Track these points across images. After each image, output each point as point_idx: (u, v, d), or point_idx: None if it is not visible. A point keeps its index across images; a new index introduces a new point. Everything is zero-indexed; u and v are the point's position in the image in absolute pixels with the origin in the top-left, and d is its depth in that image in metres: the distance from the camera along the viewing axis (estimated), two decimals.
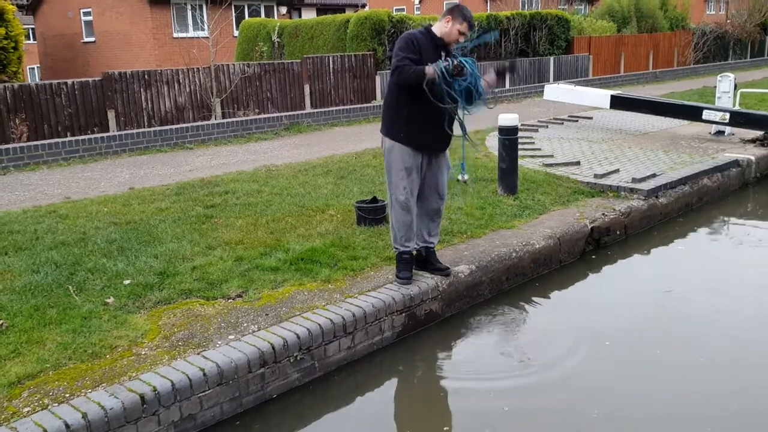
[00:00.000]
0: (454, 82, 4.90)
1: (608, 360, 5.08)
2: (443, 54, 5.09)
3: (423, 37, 5.10)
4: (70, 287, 5.18)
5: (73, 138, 11.21)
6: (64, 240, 6.32)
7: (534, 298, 6.17)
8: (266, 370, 4.38)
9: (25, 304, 4.90)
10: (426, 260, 5.67)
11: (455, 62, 4.82)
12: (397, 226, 5.40)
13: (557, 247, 6.80)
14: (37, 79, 33.94)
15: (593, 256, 7.22)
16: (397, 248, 5.49)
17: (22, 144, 10.67)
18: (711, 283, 6.50)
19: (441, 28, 5.13)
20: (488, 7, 35.75)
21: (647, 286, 6.46)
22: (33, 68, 36.77)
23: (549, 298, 6.23)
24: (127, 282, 5.30)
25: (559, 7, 31.93)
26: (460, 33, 5.09)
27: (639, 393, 4.59)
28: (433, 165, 5.36)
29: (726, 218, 8.99)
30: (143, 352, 4.29)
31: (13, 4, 16.03)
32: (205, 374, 4.07)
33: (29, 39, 32.59)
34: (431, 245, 5.65)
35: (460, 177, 5.41)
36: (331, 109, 14.89)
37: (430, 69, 4.87)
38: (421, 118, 5.12)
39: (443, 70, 4.83)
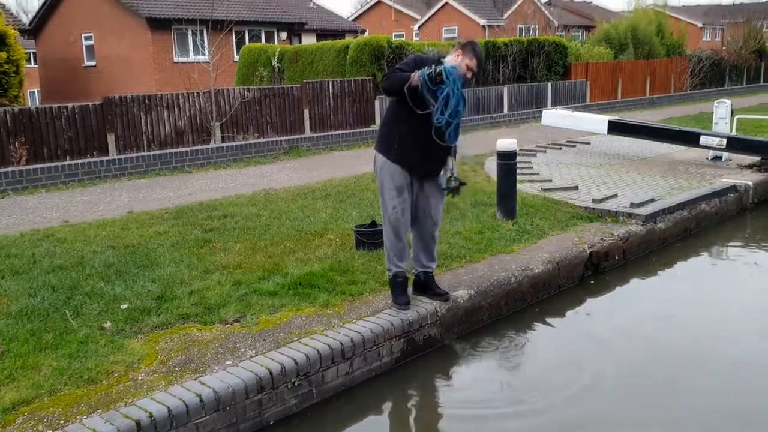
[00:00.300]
0: (438, 90, 4.91)
1: (610, 386, 5.05)
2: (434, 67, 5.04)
3: (431, 62, 5.13)
4: (67, 311, 5.16)
5: (73, 161, 11.24)
6: (61, 264, 6.30)
7: (533, 324, 6.14)
8: (264, 396, 4.35)
9: (21, 328, 4.88)
10: (425, 285, 5.66)
11: (438, 69, 4.86)
12: (389, 245, 5.45)
13: (556, 272, 6.79)
14: (38, 103, 34.07)
15: (592, 281, 7.20)
16: (390, 269, 5.51)
17: (21, 167, 10.68)
18: (711, 309, 6.49)
19: (452, 60, 5.18)
20: (486, 35, 36.05)
21: (646, 311, 6.44)
22: (33, 92, 36.89)
23: (548, 323, 6.20)
24: (124, 306, 5.28)
25: (557, 33, 32.19)
26: (468, 68, 5.13)
27: (640, 419, 4.56)
28: (426, 189, 5.38)
29: (724, 244, 8.99)
30: (140, 378, 4.26)
31: (15, 29, 16.12)
32: (201, 400, 4.04)
33: (30, 63, 32.75)
34: (429, 270, 5.65)
35: (445, 182, 5.36)
36: (330, 133, 14.95)
37: (415, 75, 4.90)
38: (416, 139, 5.14)
39: (426, 77, 4.86)
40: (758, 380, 5.12)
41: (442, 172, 5.36)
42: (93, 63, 27.63)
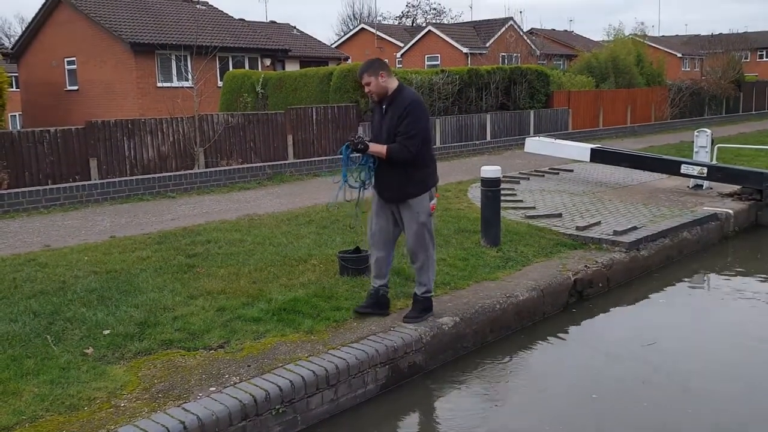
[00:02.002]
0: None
1: (596, 414, 5.05)
2: (384, 108, 5.48)
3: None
4: (49, 337, 5.09)
5: (54, 186, 11.16)
6: (43, 289, 6.23)
7: (518, 352, 6.13)
8: (248, 423, 4.30)
9: (2, 354, 4.81)
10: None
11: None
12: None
13: (541, 300, 6.80)
14: (19, 127, 33.86)
15: (576, 309, 7.21)
16: None
17: (2, 191, 10.59)
18: (694, 337, 6.52)
19: None
20: (469, 62, 36.39)
21: (631, 338, 6.46)
22: (15, 116, 36.72)
23: (533, 351, 6.20)
24: (106, 332, 5.22)
25: (539, 62, 32.55)
26: (363, 87, 5.50)
27: None
28: (400, 216, 5.61)
29: (706, 272, 9.05)
30: (122, 405, 4.21)
31: None
32: (185, 427, 3.98)
33: (12, 87, 32.61)
34: (416, 292, 5.75)
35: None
36: (314, 159, 14.98)
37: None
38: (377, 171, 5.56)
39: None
40: (739, 405, 5.15)
41: (412, 208, 5.52)
42: (75, 87, 27.55)
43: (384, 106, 5.44)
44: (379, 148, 5.37)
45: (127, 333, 5.20)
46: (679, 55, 57.74)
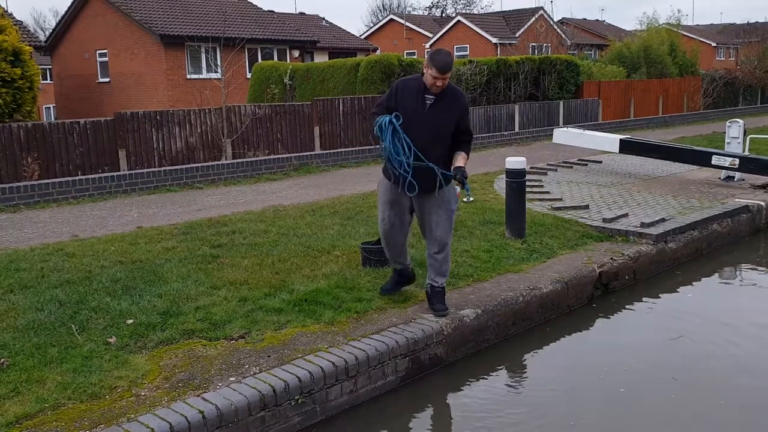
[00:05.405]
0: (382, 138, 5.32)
1: (624, 408, 4.99)
2: (425, 98, 5.34)
3: (413, 84, 5.44)
4: (73, 326, 5.16)
5: (84, 177, 11.29)
6: (69, 278, 6.31)
7: (541, 345, 6.09)
8: (266, 414, 4.32)
9: (27, 342, 4.88)
10: (429, 298, 5.74)
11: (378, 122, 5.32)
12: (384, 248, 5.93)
13: (565, 292, 6.73)
14: (53, 118, 34.38)
15: (601, 302, 7.13)
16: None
17: (33, 182, 10.76)
18: (721, 331, 6.40)
19: (425, 76, 5.37)
20: (498, 52, 36.11)
21: (656, 332, 6.38)
22: (49, 107, 37.28)
23: (557, 344, 6.14)
24: (129, 321, 5.27)
25: (569, 52, 32.19)
26: (434, 78, 5.24)
27: None
28: (422, 205, 5.55)
29: (736, 265, 8.90)
30: (143, 393, 4.25)
31: (31, 45, 16.26)
32: (204, 417, 4.01)
33: (46, 79, 33.10)
34: (434, 284, 5.71)
35: (465, 199, 5.62)
36: (340, 150, 14.98)
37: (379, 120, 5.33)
38: None
39: (376, 129, 5.35)
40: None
41: (440, 195, 5.46)
42: (107, 79, 27.88)
43: (432, 97, 5.33)
44: (463, 162, 5.45)
45: (150, 323, 5.25)
46: (714, 44, 56.80)
